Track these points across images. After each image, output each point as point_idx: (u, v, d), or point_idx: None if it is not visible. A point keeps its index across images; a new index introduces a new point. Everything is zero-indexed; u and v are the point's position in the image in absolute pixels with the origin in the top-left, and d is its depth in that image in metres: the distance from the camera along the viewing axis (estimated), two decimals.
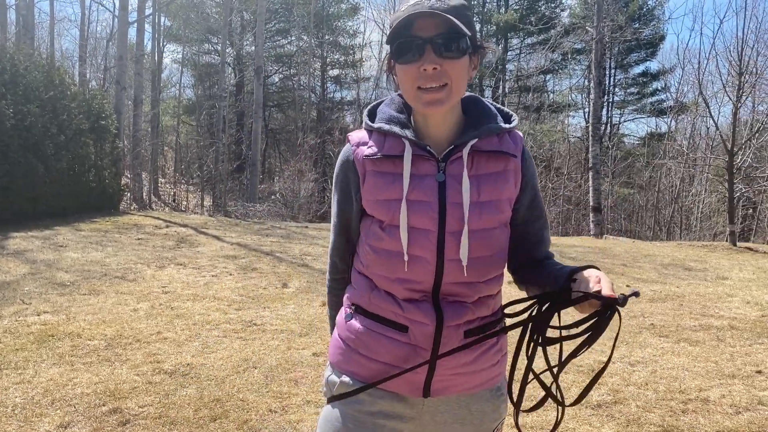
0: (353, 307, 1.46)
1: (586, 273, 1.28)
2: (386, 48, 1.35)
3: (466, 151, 1.34)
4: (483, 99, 1.46)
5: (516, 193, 1.40)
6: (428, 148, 1.34)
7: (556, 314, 1.29)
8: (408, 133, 1.35)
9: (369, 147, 1.38)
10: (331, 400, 1.45)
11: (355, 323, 1.44)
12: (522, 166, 1.40)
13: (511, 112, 1.44)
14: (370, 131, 1.41)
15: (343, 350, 1.46)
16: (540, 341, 1.31)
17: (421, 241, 1.33)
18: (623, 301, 1.19)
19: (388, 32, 1.33)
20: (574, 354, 1.26)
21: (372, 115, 1.45)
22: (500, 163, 1.37)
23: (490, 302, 1.41)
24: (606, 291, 1.20)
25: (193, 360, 4.15)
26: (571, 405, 1.34)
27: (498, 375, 1.46)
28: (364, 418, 1.39)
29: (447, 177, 1.34)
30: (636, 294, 1.22)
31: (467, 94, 1.41)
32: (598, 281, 1.24)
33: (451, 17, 1.25)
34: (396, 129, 1.36)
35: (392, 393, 1.39)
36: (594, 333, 1.23)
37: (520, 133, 1.43)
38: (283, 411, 3.41)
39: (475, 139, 1.35)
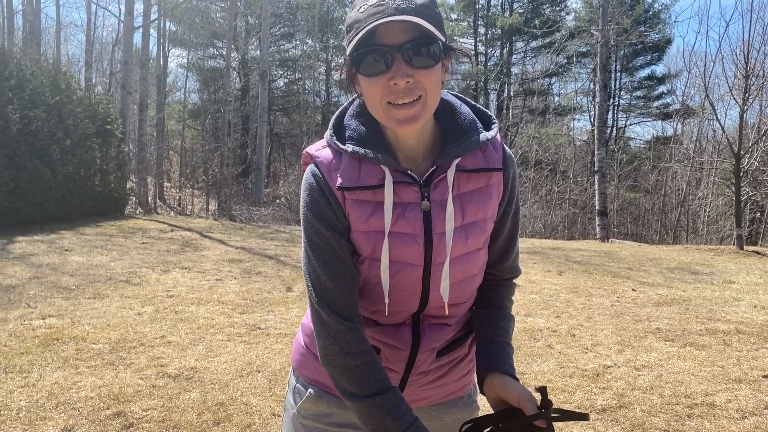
0: None
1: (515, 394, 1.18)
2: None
3: (451, 173, 1.19)
4: (457, 101, 1.28)
5: (497, 208, 1.28)
6: (409, 172, 1.19)
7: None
8: (387, 158, 1.17)
9: (341, 174, 1.18)
10: (299, 414, 1.37)
11: None
12: (503, 176, 1.26)
13: (489, 113, 1.28)
14: (339, 152, 1.21)
15: (308, 358, 1.37)
16: None
17: (405, 275, 1.21)
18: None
19: (346, 33, 1.13)
20: None
21: (338, 130, 1.24)
22: (483, 179, 1.23)
23: (465, 317, 1.37)
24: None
25: (197, 364, 4.15)
26: None
27: (468, 383, 1.43)
28: (334, 430, 1.34)
29: (432, 204, 1.19)
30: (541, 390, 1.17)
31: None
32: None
33: (420, 20, 1.07)
34: (372, 154, 1.17)
35: None
36: None
37: (499, 136, 1.28)
38: None
39: (459, 158, 1.20)
